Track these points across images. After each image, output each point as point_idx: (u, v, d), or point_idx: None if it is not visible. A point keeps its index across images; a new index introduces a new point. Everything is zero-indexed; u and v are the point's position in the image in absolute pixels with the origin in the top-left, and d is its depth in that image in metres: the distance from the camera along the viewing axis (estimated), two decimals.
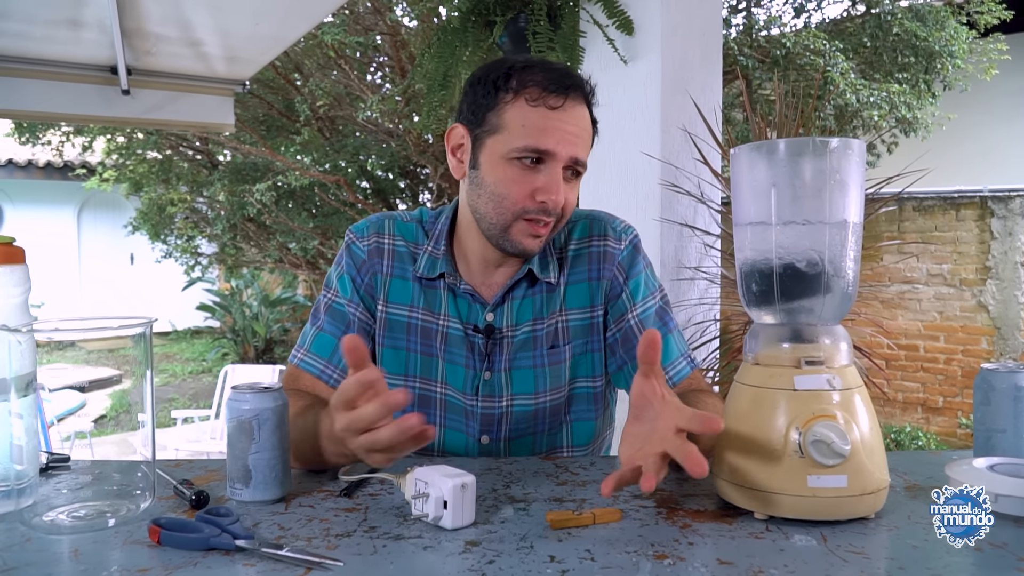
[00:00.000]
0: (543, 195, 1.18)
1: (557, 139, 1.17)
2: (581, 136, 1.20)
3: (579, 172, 1.23)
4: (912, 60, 4.74)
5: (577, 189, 1.26)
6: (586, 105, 1.23)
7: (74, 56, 3.47)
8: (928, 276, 5.82)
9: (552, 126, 1.17)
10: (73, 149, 7.14)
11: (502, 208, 1.20)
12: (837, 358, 0.94)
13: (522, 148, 1.17)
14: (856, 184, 0.93)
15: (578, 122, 1.20)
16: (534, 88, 1.18)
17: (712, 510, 0.96)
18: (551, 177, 1.18)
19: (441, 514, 0.89)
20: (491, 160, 1.21)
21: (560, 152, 1.18)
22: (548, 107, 1.17)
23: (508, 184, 1.19)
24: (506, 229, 1.21)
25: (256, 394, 1.00)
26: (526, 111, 1.18)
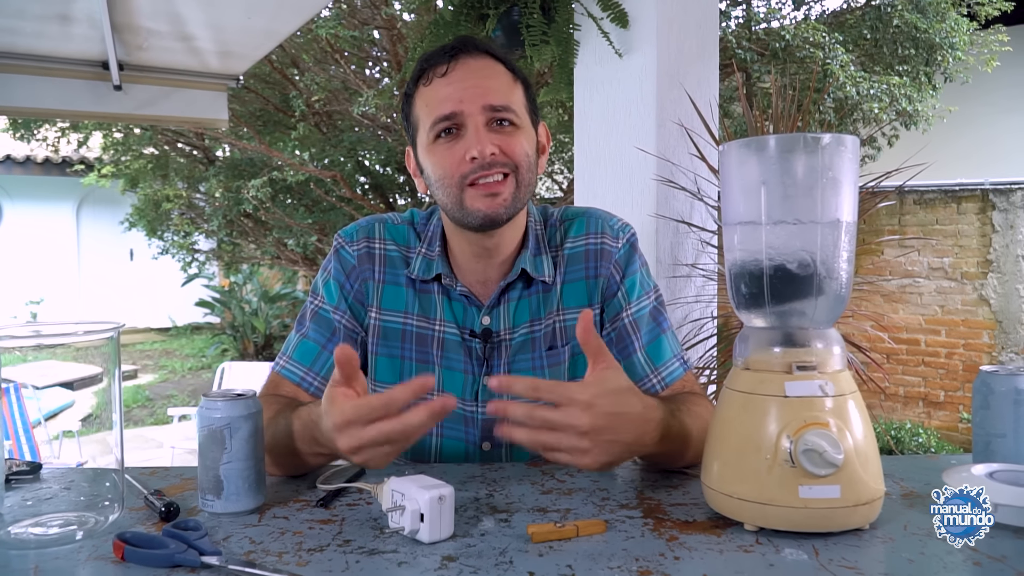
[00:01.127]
0: (469, 152, 1.15)
1: (459, 98, 1.16)
2: (485, 84, 1.18)
3: (510, 120, 1.19)
4: (912, 52, 4.69)
5: (520, 137, 1.20)
6: (490, 58, 1.21)
7: (65, 51, 3.43)
8: (929, 270, 5.77)
9: (447, 90, 1.17)
10: (69, 145, 7.09)
11: (446, 186, 1.18)
12: (830, 363, 0.90)
13: (431, 125, 1.18)
14: (849, 182, 0.90)
15: (478, 73, 1.18)
16: (424, 72, 1.20)
17: (701, 521, 0.93)
18: (470, 134, 1.16)
19: (418, 527, 0.86)
20: (424, 153, 1.21)
21: (466, 108, 1.16)
22: (438, 76, 1.18)
23: (440, 163, 1.18)
24: (460, 203, 1.18)
25: (228, 402, 0.96)
26: (424, 95, 1.20)
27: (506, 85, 1.20)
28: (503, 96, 1.18)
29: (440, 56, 1.19)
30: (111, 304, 12.05)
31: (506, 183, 1.17)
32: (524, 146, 1.20)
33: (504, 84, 1.20)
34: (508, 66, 1.22)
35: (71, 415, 5.88)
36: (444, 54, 1.18)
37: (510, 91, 1.20)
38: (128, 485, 1.07)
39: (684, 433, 1.06)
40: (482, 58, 1.20)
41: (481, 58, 1.20)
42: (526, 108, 1.23)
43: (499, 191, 1.17)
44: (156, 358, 10.83)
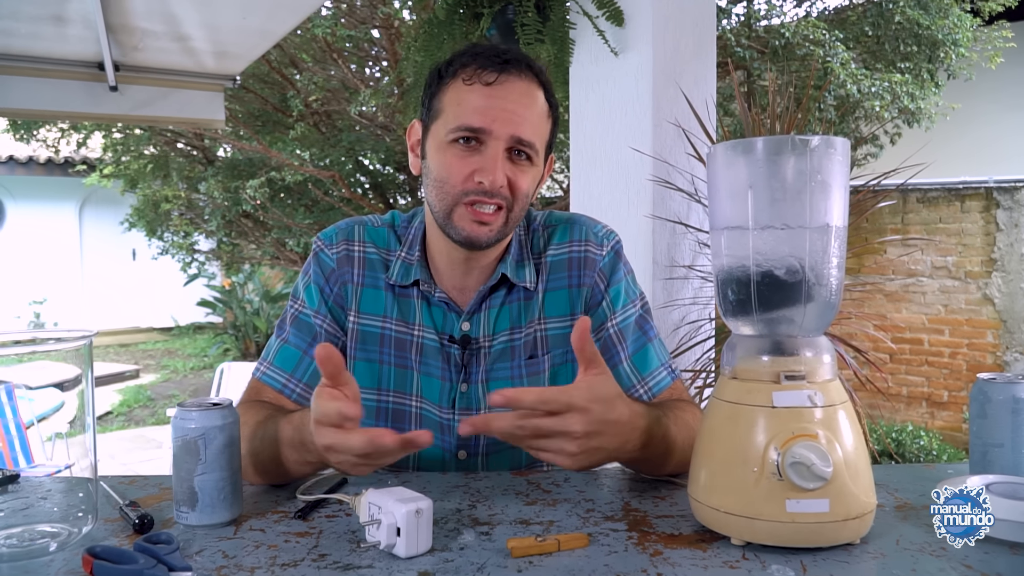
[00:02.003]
0: (481, 175, 1.12)
1: (493, 116, 1.12)
2: (523, 114, 1.14)
3: (528, 155, 1.16)
4: (915, 49, 4.65)
5: (530, 174, 1.17)
6: (536, 84, 1.17)
7: (60, 52, 3.42)
8: (932, 269, 5.73)
9: (487, 104, 1.12)
10: (69, 146, 7.09)
11: (443, 193, 1.15)
12: (820, 372, 0.88)
13: (455, 128, 1.13)
14: (839, 185, 0.87)
15: (519, 98, 1.14)
16: (469, 67, 1.14)
17: (687, 534, 0.90)
18: (490, 156, 1.12)
19: (394, 542, 0.84)
20: (434, 146, 1.17)
21: (496, 130, 1.12)
22: (483, 83, 1.13)
23: (447, 167, 1.15)
24: (449, 215, 1.15)
25: (203, 412, 0.94)
26: (461, 91, 1.15)
27: (540, 119, 1.17)
28: (533, 131, 1.15)
29: (491, 61, 1.14)
30: (114, 304, 12.05)
31: (498, 215, 1.15)
32: (529, 184, 1.18)
33: (538, 118, 1.16)
34: (547, 94, 1.19)
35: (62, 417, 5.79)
36: (496, 61, 1.14)
37: (541, 126, 1.17)
38: (105, 495, 1.05)
39: (668, 441, 1.04)
40: (529, 81, 1.16)
41: (528, 81, 1.15)
42: (546, 143, 1.21)
43: (489, 221, 1.15)
44: (158, 358, 10.83)
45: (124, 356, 10.94)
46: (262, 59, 5.24)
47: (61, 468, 1.00)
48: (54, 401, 4.04)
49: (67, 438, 0.99)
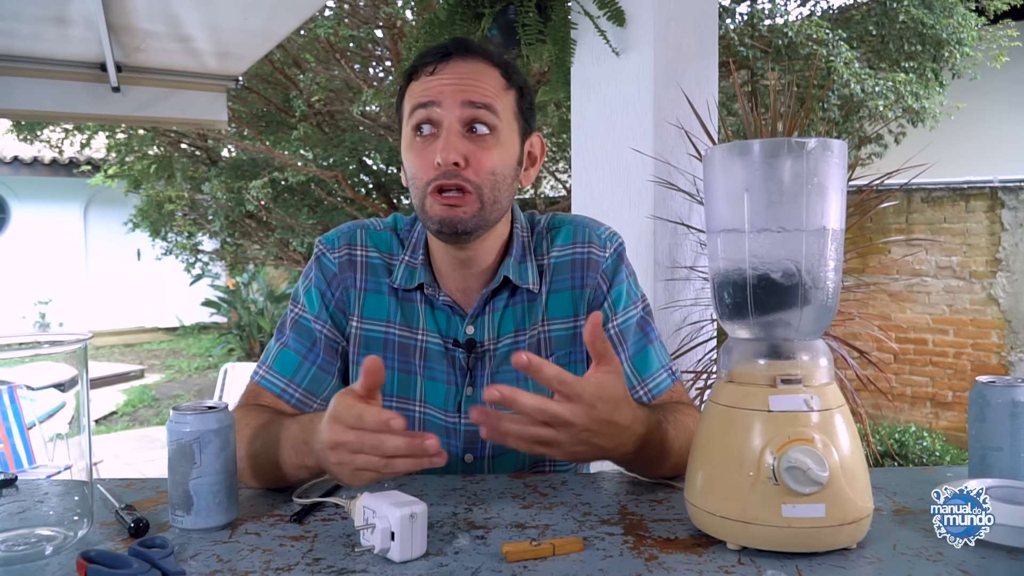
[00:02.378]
0: (437, 156, 1.12)
1: (439, 90, 1.13)
2: (470, 83, 1.14)
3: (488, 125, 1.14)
4: (919, 48, 4.63)
5: (496, 151, 1.15)
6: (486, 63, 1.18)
7: (62, 53, 3.42)
8: (937, 268, 5.72)
9: (430, 84, 1.14)
10: (72, 147, 7.10)
11: (416, 189, 1.16)
12: (816, 376, 0.87)
13: (409, 116, 1.16)
14: (836, 188, 0.86)
15: (465, 72, 1.15)
16: (417, 67, 1.17)
17: (683, 538, 0.90)
18: (444, 136, 1.13)
19: (388, 546, 0.83)
20: (404, 148, 1.19)
21: (444, 100, 1.13)
22: (427, 74, 1.15)
23: (414, 163, 1.16)
24: (423, 209, 1.16)
25: (198, 415, 0.94)
26: (412, 88, 1.18)
27: (494, 88, 1.16)
28: (485, 95, 1.14)
29: (432, 55, 1.16)
30: (119, 304, 12.08)
31: (467, 197, 1.13)
32: (494, 160, 1.15)
33: (492, 87, 1.16)
34: (504, 71, 1.18)
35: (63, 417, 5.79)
36: (437, 53, 1.16)
37: (497, 94, 1.16)
38: (102, 498, 1.05)
39: (664, 445, 1.03)
40: (475, 61, 1.16)
41: (473, 61, 1.16)
42: (515, 115, 1.19)
43: (455, 203, 1.13)
44: (163, 358, 10.86)
45: (129, 356, 10.97)
46: (265, 59, 5.25)
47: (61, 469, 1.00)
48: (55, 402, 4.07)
49: (67, 439, 0.99)
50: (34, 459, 3.65)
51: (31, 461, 2.80)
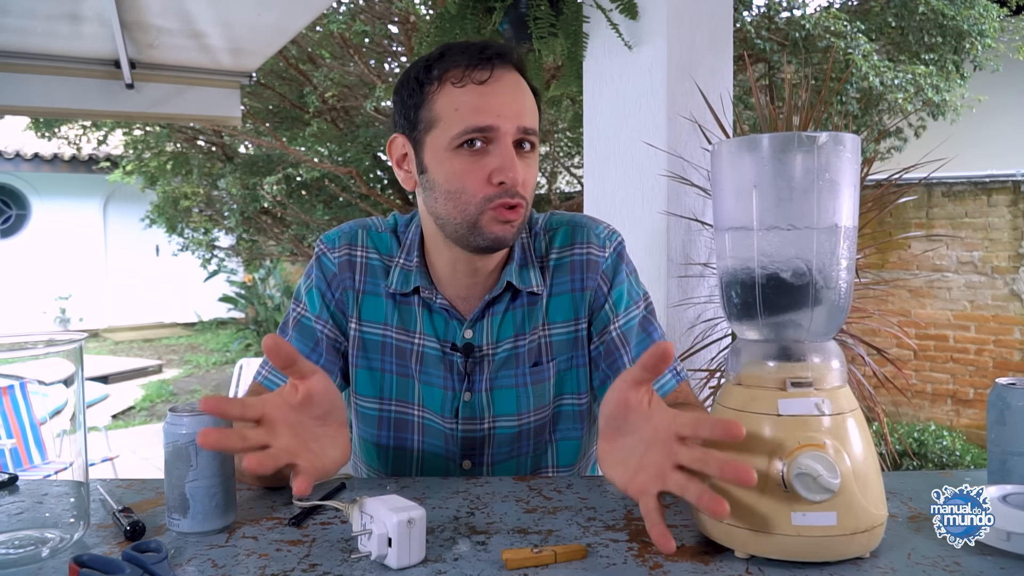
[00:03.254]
0: (500, 175, 1.07)
1: (497, 111, 1.07)
2: (522, 103, 1.10)
3: (532, 144, 1.12)
4: (940, 40, 4.54)
5: (535, 165, 1.14)
6: (519, 73, 1.13)
7: (77, 51, 3.43)
8: (958, 264, 5.63)
9: (486, 101, 1.08)
10: (89, 143, 7.14)
11: (462, 203, 1.10)
12: (828, 378, 0.84)
13: (462, 132, 1.07)
14: (849, 184, 0.83)
15: (515, 90, 1.10)
16: (456, 69, 1.09)
17: (690, 546, 0.87)
18: (503, 154, 1.08)
19: (385, 552, 0.81)
20: (436, 157, 1.11)
21: (503, 125, 1.07)
22: (476, 83, 1.08)
23: (461, 177, 1.09)
24: (474, 225, 1.10)
25: (194, 417, 0.92)
26: (455, 94, 1.09)
27: (533, 106, 1.14)
28: (533, 118, 1.12)
29: (478, 58, 1.09)
30: (138, 299, 12.18)
31: (520, 210, 1.11)
32: (535, 176, 1.15)
33: (532, 106, 1.13)
34: (531, 86, 1.16)
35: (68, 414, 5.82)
36: (483, 57, 1.09)
37: (535, 113, 1.14)
38: (101, 499, 1.04)
39: None
40: (515, 74, 1.12)
41: (514, 74, 1.12)
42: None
43: (513, 219, 1.10)
44: (181, 353, 10.93)
45: (148, 351, 11.04)
46: (279, 55, 5.25)
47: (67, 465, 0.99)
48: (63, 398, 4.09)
49: (67, 435, 0.98)
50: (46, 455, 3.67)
51: (43, 457, 2.81)
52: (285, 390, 0.89)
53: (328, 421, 0.91)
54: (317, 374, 0.89)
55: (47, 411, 3.25)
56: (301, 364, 0.88)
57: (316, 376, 0.89)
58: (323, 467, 0.88)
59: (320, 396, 0.89)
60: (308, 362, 0.89)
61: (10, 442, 2.68)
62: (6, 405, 2.61)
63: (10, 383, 2.37)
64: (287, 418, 0.87)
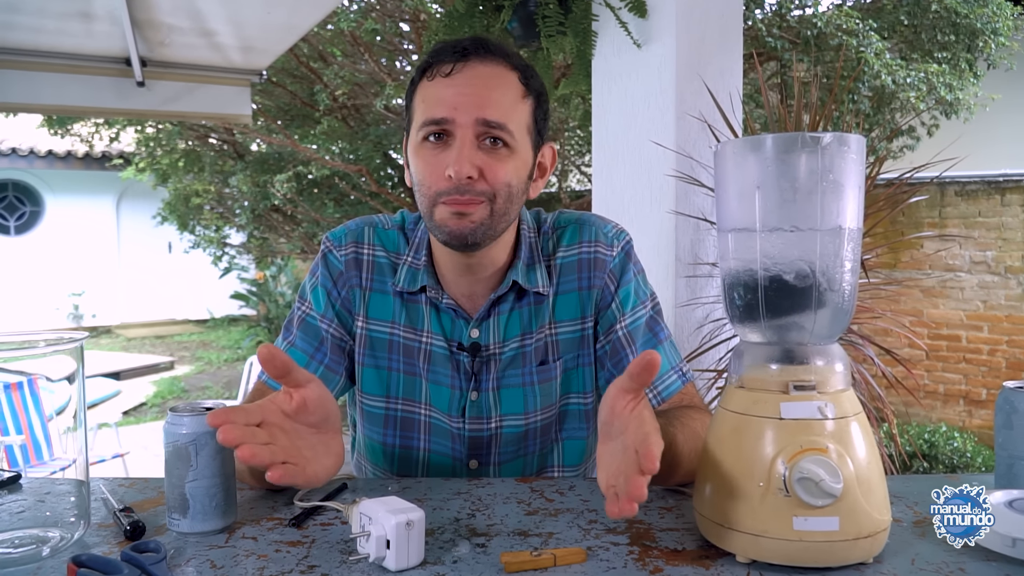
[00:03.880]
0: (448, 168, 1.06)
1: (454, 104, 1.06)
2: (486, 95, 1.08)
3: (503, 140, 1.08)
4: (953, 38, 4.50)
5: (510, 163, 1.10)
6: (505, 66, 1.11)
7: (88, 48, 3.44)
8: (971, 263, 5.59)
9: (446, 93, 1.07)
10: (102, 141, 7.17)
11: (423, 195, 1.11)
12: (831, 382, 0.83)
13: (420, 125, 1.09)
14: (853, 185, 0.82)
15: (483, 81, 1.08)
16: (432, 64, 1.10)
17: (691, 549, 0.86)
18: (455, 147, 1.07)
19: (384, 554, 0.81)
20: (412, 151, 1.13)
21: (458, 117, 1.06)
22: (442, 75, 1.08)
23: (423, 169, 1.10)
24: (431, 216, 1.11)
25: (194, 417, 0.92)
26: (424, 90, 1.11)
27: (511, 99, 1.10)
28: (502, 112, 1.08)
29: (449, 53, 1.09)
30: (151, 296, 12.24)
31: (477, 206, 1.08)
32: (509, 173, 1.10)
33: (509, 98, 1.10)
34: (523, 76, 1.12)
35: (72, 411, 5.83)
36: (454, 52, 1.09)
37: (513, 107, 1.10)
38: (103, 498, 1.04)
39: (672, 452, 0.99)
40: (494, 64, 1.10)
41: (493, 64, 1.09)
42: (528, 128, 1.13)
43: (468, 212, 1.08)
44: (193, 349, 10.97)
45: (160, 348, 11.10)
46: (291, 53, 5.25)
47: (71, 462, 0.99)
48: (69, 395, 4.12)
49: (71, 432, 0.98)
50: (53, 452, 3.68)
51: (51, 454, 2.82)
52: (279, 397, 0.89)
53: (323, 429, 0.92)
54: (312, 383, 0.90)
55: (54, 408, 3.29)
56: (296, 373, 0.89)
57: (311, 385, 0.90)
58: (314, 473, 0.89)
59: (315, 404, 0.90)
60: (303, 371, 0.90)
61: (19, 438, 2.69)
62: (15, 401, 2.62)
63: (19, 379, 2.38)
64: (283, 424, 0.88)
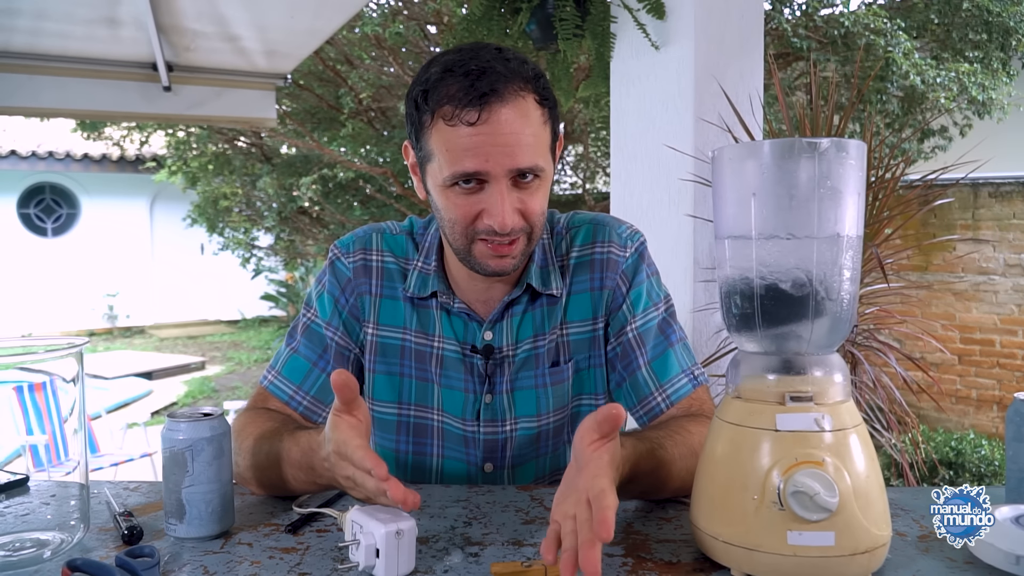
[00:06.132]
0: (487, 218, 1.05)
1: (485, 156, 1.02)
2: (516, 143, 1.03)
3: (535, 175, 1.06)
4: (985, 37, 4.41)
5: (541, 190, 1.09)
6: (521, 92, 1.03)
7: (115, 54, 3.50)
8: (1005, 266, 5.47)
9: (475, 144, 1.01)
10: (132, 144, 7.29)
11: (455, 234, 1.09)
12: (830, 393, 0.81)
13: (451, 176, 1.04)
14: (853, 192, 0.80)
15: (509, 128, 1.02)
16: (447, 106, 1.02)
17: (686, 562, 0.85)
18: (492, 197, 1.04)
19: (373, 563, 0.81)
20: (434, 188, 1.10)
21: (492, 169, 1.02)
22: (466, 124, 1.01)
23: (453, 210, 1.07)
24: (468, 253, 1.10)
25: (191, 423, 0.92)
26: (445, 134, 1.03)
27: (536, 135, 1.05)
28: (532, 155, 1.04)
29: (469, 96, 1.01)
30: (183, 297, 12.41)
31: (516, 245, 1.08)
32: (542, 200, 1.09)
33: (535, 135, 1.05)
34: (536, 92, 1.06)
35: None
36: (473, 95, 1.01)
37: (539, 141, 1.06)
38: (106, 502, 1.05)
39: (659, 473, 0.97)
40: (512, 98, 1.03)
41: (512, 98, 1.03)
42: (550, 145, 1.10)
43: (508, 252, 1.08)
44: (224, 350, 11.09)
45: (192, 348, 11.23)
46: (316, 57, 5.29)
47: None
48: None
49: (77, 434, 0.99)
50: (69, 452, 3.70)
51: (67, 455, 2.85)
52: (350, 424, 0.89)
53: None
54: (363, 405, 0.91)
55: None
56: (359, 402, 0.90)
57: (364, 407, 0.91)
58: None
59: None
60: (362, 401, 0.91)
61: (43, 438, 2.74)
62: (39, 402, 2.66)
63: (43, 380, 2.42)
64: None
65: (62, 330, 11.34)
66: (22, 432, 2.52)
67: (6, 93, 3.39)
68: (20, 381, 2.17)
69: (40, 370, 1.01)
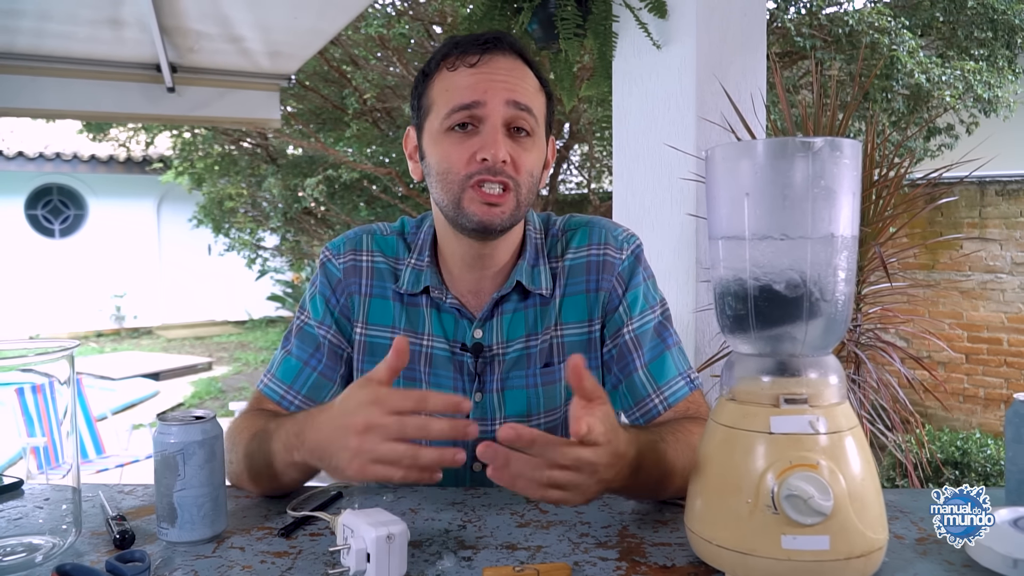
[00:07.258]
0: (482, 152, 1.08)
1: (484, 88, 1.09)
2: (514, 82, 1.11)
3: (527, 129, 1.11)
4: (990, 35, 4.39)
5: (533, 151, 1.13)
6: (521, 61, 1.13)
7: (119, 55, 3.50)
8: (1013, 265, 5.43)
9: (475, 80, 1.09)
10: (138, 145, 7.31)
11: (448, 183, 1.11)
12: (825, 395, 0.80)
13: (449, 111, 1.10)
14: (847, 191, 0.79)
15: (507, 70, 1.11)
16: (451, 56, 1.12)
17: (680, 566, 0.84)
18: (486, 136, 1.08)
19: (364, 568, 0.80)
20: (431, 140, 1.14)
21: (489, 100, 1.08)
22: (467, 65, 1.10)
23: (448, 157, 1.11)
24: (458, 203, 1.11)
25: (182, 426, 0.92)
26: (447, 78, 1.11)
27: (532, 89, 1.14)
28: (528, 97, 1.12)
29: (471, 45, 1.11)
30: (190, 297, 12.44)
31: (506, 197, 1.10)
32: (533, 162, 1.13)
33: (531, 88, 1.13)
34: (536, 74, 1.16)
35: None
36: (476, 44, 1.11)
37: (535, 96, 1.14)
38: (101, 505, 1.05)
39: (663, 467, 0.97)
40: (513, 59, 1.13)
41: (512, 59, 1.13)
42: (544, 120, 1.17)
43: (497, 201, 1.10)
44: (231, 350, 11.11)
45: (199, 348, 11.25)
46: (321, 57, 5.29)
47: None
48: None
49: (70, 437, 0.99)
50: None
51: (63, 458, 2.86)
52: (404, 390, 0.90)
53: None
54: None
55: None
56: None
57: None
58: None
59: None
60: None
61: (42, 440, 2.73)
62: (40, 403, 2.66)
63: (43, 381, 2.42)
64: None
65: (70, 331, 11.38)
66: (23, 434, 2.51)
67: (10, 94, 3.40)
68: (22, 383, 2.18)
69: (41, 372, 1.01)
